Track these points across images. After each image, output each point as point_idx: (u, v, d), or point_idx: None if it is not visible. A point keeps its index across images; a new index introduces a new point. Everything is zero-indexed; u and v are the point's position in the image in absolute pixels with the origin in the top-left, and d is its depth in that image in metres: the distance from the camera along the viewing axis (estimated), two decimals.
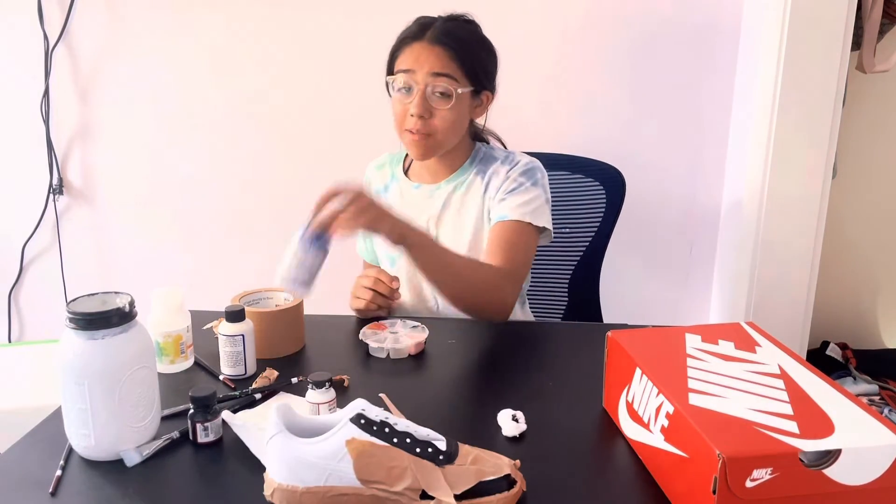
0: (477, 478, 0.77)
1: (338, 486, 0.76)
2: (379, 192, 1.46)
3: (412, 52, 1.30)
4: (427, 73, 1.28)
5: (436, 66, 1.28)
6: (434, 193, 1.41)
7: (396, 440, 0.77)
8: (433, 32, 1.30)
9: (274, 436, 0.77)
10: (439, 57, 1.29)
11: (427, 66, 1.28)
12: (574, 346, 1.26)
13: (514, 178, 1.35)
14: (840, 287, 2.10)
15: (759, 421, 0.74)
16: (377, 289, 1.28)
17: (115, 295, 0.90)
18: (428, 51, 1.29)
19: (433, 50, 1.29)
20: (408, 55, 1.31)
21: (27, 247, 2.12)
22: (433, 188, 1.41)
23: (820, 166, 1.71)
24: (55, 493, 0.82)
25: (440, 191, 1.41)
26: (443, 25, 1.32)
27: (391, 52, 1.36)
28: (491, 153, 1.42)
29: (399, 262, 1.42)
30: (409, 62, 1.30)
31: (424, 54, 1.29)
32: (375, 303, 1.29)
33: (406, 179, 1.45)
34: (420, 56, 1.29)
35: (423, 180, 1.43)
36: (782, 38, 1.64)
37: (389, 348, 1.16)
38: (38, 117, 2.02)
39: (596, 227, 1.63)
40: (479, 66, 1.33)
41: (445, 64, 1.29)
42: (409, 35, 1.33)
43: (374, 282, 1.28)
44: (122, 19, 1.96)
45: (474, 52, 1.33)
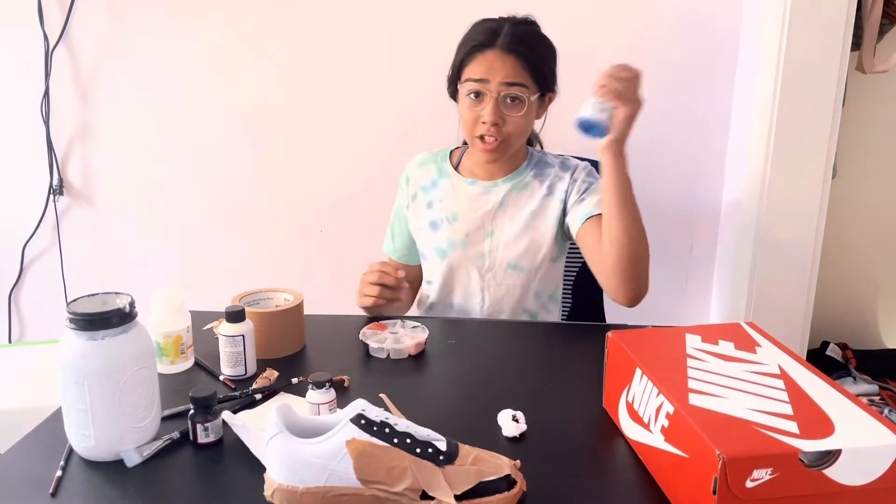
0: (477, 478, 0.77)
1: (338, 487, 0.76)
2: (426, 189, 1.47)
3: (485, 60, 1.31)
4: (500, 82, 1.29)
5: (509, 76, 1.30)
6: (491, 190, 1.42)
7: (397, 441, 0.77)
8: (504, 40, 1.30)
9: (274, 436, 0.77)
10: (513, 66, 1.30)
11: (500, 76, 1.29)
12: (574, 346, 1.26)
13: (584, 179, 1.40)
14: (840, 287, 2.10)
15: (760, 421, 0.74)
16: (384, 282, 1.29)
17: (116, 295, 0.90)
18: (501, 60, 1.30)
19: (506, 59, 1.30)
20: (480, 63, 1.31)
21: (27, 247, 2.12)
22: (489, 185, 1.43)
23: (820, 166, 1.71)
24: (55, 494, 0.82)
25: (497, 188, 1.42)
26: (512, 31, 1.32)
27: (459, 59, 1.35)
28: (544, 158, 1.46)
29: (449, 255, 1.43)
30: (482, 71, 1.30)
31: (498, 63, 1.30)
32: (384, 297, 1.29)
33: (458, 175, 1.46)
34: (493, 65, 1.30)
35: (478, 177, 1.44)
36: (782, 38, 1.64)
37: (390, 348, 1.16)
38: (38, 118, 2.02)
39: None
40: (546, 70, 1.35)
41: (518, 73, 1.30)
42: (478, 43, 1.32)
43: (380, 275, 1.29)
44: (122, 20, 1.96)
45: (543, 56, 1.35)
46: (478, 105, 1.32)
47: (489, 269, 1.42)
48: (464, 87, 1.34)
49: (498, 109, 1.31)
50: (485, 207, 1.42)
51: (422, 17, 1.90)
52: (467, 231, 1.42)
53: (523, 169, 1.43)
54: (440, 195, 1.45)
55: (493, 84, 1.30)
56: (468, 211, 1.42)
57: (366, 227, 1.76)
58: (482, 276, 1.42)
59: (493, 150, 1.34)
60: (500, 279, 1.41)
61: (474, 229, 1.42)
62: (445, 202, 1.44)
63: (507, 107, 1.31)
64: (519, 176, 1.42)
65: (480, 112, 1.31)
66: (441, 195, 1.45)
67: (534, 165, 1.44)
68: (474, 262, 1.42)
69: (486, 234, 1.42)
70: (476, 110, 1.32)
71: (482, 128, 1.32)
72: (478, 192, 1.43)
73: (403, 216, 1.51)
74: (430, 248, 1.46)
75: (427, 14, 1.90)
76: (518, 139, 1.36)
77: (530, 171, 1.43)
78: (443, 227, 1.44)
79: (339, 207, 2.03)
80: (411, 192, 1.49)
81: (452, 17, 1.44)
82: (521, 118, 1.32)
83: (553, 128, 1.52)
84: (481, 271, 1.42)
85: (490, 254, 1.41)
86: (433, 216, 1.45)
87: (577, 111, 1.18)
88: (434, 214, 1.45)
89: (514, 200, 1.42)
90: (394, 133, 1.96)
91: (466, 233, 1.42)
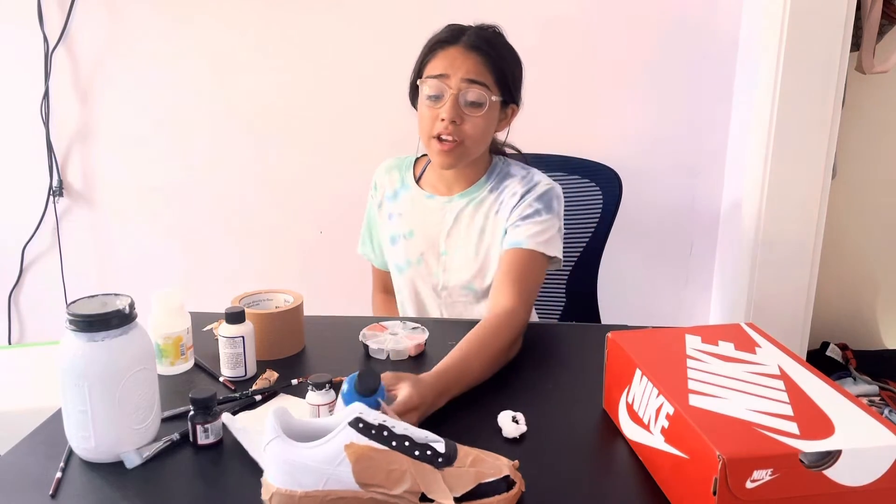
0: (476, 479, 0.77)
1: (336, 490, 0.75)
2: (388, 198, 1.44)
3: (446, 56, 1.28)
4: (461, 78, 1.26)
5: (471, 73, 1.26)
6: (446, 206, 1.38)
7: (395, 443, 0.77)
8: (468, 38, 1.28)
9: (272, 440, 0.76)
10: (475, 63, 1.26)
11: (462, 72, 1.26)
12: (574, 347, 1.26)
13: (530, 203, 1.30)
14: (840, 287, 2.10)
15: (760, 422, 0.74)
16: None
17: (115, 297, 0.90)
18: (463, 56, 1.27)
19: (468, 56, 1.27)
20: (441, 60, 1.28)
21: (27, 249, 2.12)
22: (445, 200, 1.38)
23: (820, 167, 1.71)
24: (55, 495, 0.82)
25: (452, 204, 1.37)
26: (476, 32, 1.30)
27: (421, 57, 1.33)
28: (508, 169, 1.38)
29: (406, 272, 1.41)
30: (443, 67, 1.27)
31: (460, 59, 1.27)
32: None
33: (418, 188, 1.41)
34: (455, 61, 1.27)
35: (437, 191, 1.40)
36: (782, 38, 1.64)
37: (389, 350, 1.16)
38: (38, 119, 2.02)
39: (593, 228, 1.63)
40: (510, 76, 1.31)
41: (480, 71, 1.27)
42: (442, 40, 1.30)
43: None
44: (122, 21, 1.96)
45: (507, 61, 1.31)
46: (437, 105, 1.27)
47: (444, 287, 1.39)
48: (424, 85, 1.29)
49: (457, 106, 1.26)
50: (439, 226, 1.38)
51: (423, 20, 1.90)
52: (422, 250, 1.39)
53: (482, 183, 1.37)
54: (399, 208, 1.42)
55: (453, 80, 1.26)
56: (423, 228, 1.39)
57: None
58: (438, 294, 1.40)
59: (449, 153, 1.28)
60: (455, 297, 1.39)
61: (428, 248, 1.39)
62: (404, 216, 1.41)
63: (466, 106, 1.26)
64: (476, 191, 1.36)
65: (438, 110, 1.27)
66: (400, 208, 1.42)
67: (494, 177, 1.37)
68: (429, 281, 1.40)
69: (440, 252, 1.38)
70: (435, 109, 1.27)
71: (439, 125, 1.26)
72: (435, 207, 1.39)
73: (375, 222, 1.48)
74: (390, 262, 1.45)
75: (429, 18, 1.89)
76: (475, 144, 1.30)
77: (489, 184, 1.36)
78: (400, 242, 1.41)
79: (338, 208, 2.03)
80: (377, 199, 1.46)
81: (455, 20, 1.44)
82: (480, 119, 1.27)
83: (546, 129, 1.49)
84: (436, 290, 1.40)
85: (444, 273, 1.38)
86: (392, 230, 1.42)
87: (570, 110, 1.16)
88: (393, 228, 1.42)
89: (468, 217, 1.36)
90: (393, 135, 1.95)
91: (421, 251, 1.39)
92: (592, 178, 1.64)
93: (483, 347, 1.08)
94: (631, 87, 1.91)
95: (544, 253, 1.28)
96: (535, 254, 1.27)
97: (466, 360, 1.05)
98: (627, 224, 1.89)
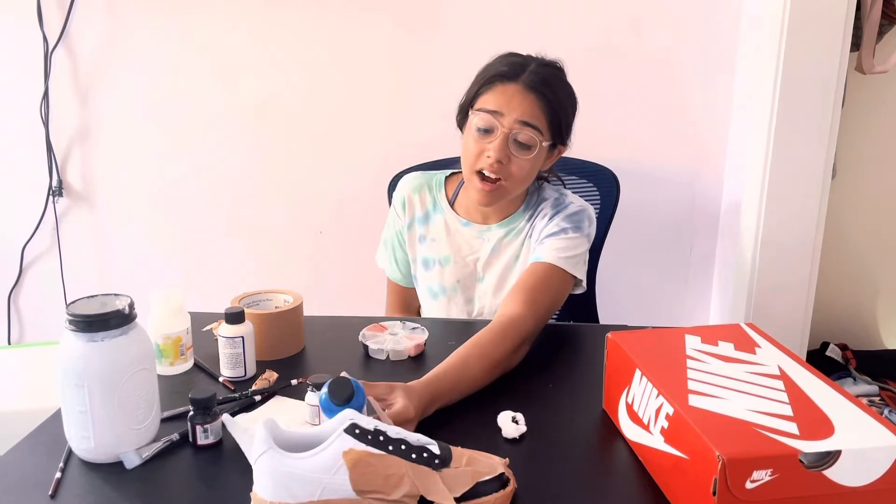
0: (474, 479, 0.77)
1: (333, 500, 0.75)
2: (420, 220, 1.40)
3: (504, 93, 1.23)
4: (515, 119, 1.22)
5: (526, 115, 1.22)
6: (484, 235, 1.36)
7: (392, 448, 0.77)
8: (528, 77, 1.24)
9: (263, 453, 0.74)
10: (532, 105, 1.23)
11: (517, 113, 1.22)
12: (574, 347, 1.26)
13: (558, 223, 1.29)
14: (840, 287, 2.10)
15: (759, 422, 0.74)
16: None
17: (115, 297, 0.90)
18: (521, 96, 1.23)
19: (527, 96, 1.23)
20: (498, 95, 1.24)
21: (27, 249, 2.12)
22: (483, 229, 1.36)
23: (819, 167, 1.71)
24: (55, 496, 0.82)
25: (491, 233, 1.35)
26: (538, 70, 1.25)
27: (476, 86, 1.28)
28: (542, 194, 1.36)
29: (441, 298, 1.39)
30: (499, 103, 1.23)
31: (517, 99, 1.23)
32: None
33: (452, 212, 1.38)
34: (512, 100, 1.23)
35: (472, 218, 1.37)
36: (782, 38, 1.64)
37: (389, 350, 1.16)
38: (37, 119, 2.02)
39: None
40: (564, 121, 1.28)
41: (535, 114, 1.23)
42: (500, 74, 1.25)
43: None
44: (122, 21, 1.96)
45: (563, 105, 1.27)
46: (485, 139, 1.24)
47: (479, 314, 1.39)
48: (475, 116, 1.25)
49: (506, 146, 1.22)
50: (477, 253, 1.36)
51: (426, 23, 1.90)
52: (459, 277, 1.38)
53: (520, 213, 1.35)
54: (433, 233, 1.39)
55: (507, 119, 1.22)
56: (460, 255, 1.37)
57: (365, 229, 1.76)
58: (472, 320, 1.38)
59: (490, 193, 1.25)
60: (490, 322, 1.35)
61: (466, 275, 1.38)
62: (438, 242, 1.38)
63: (515, 147, 1.23)
64: (515, 221, 1.35)
65: (486, 145, 1.23)
66: (434, 233, 1.39)
67: (531, 206, 1.35)
68: (464, 307, 1.39)
69: (477, 279, 1.38)
70: (482, 143, 1.24)
71: (485, 161, 1.23)
72: (471, 235, 1.37)
73: (404, 241, 1.43)
74: (423, 285, 1.43)
75: (431, 20, 1.90)
76: (518, 185, 1.27)
77: (526, 214, 1.35)
78: (435, 268, 1.39)
79: (338, 209, 2.03)
80: (406, 220, 1.42)
81: (458, 23, 1.43)
82: (527, 162, 1.24)
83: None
84: (471, 316, 1.40)
85: (479, 299, 1.38)
86: (425, 253, 1.40)
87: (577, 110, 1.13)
88: (426, 252, 1.40)
89: (506, 246, 1.35)
90: (394, 136, 1.96)
91: (458, 278, 1.38)
92: (590, 179, 1.63)
93: (484, 352, 1.06)
94: (630, 86, 1.91)
95: (566, 269, 1.24)
96: (556, 268, 1.23)
97: (466, 363, 1.04)
98: (628, 224, 1.89)
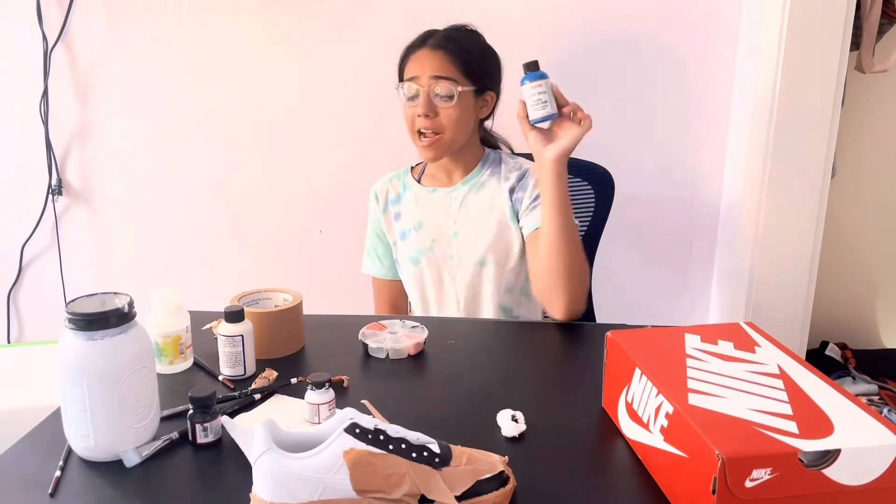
0: (474, 477, 0.77)
1: (333, 500, 0.75)
2: (392, 202, 1.54)
3: (416, 59, 1.41)
4: (429, 76, 1.38)
5: (437, 70, 1.38)
6: (450, 195, 1.49)
7: (392, 447, 0.77)
8: (434, 40, 1.41)
9: (263, 453, 0.75)
10: (441, 61, 1.38)
11: (429, 70, 1.38)
12: (573, 346, 1.26)
13: (535, 185, 1.42)
14: (839, 287, 2.10)
15: (759, 421, 0.74)
16: None
17: (115, 295, 0.90)
18: (430, 56, 1.39)
19: (434, 55, 1.39)
20: (412, 63, 1.41)
21: (26, 247, 2.12)
22: (449, 190, 1.49)
23: (819, 166, 1.71)
24: (54, 494, 0.82)
25: (457, 192, 1.48)
26: (443, 33, 1.43)
27: (399, 64, 1.45)
28: (500, 158, 1.51)
29: (421, 262, 1.48)
30: (414, 69, 1.40)
31: (427, 60, 1.39)
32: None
33: (420, 186, 1.53)
34: (423, 62, 1.39)
35: (440, 183, 1.51)
36: (781, 37, 1.64)
37: (389, 348, 1.16)
38: (37, 118, 2.02)
39: (585, 229, 1.62)
40: (478, 67, 1.42)
41: (446, 67, 1.38)
42: (412, 45, 1.44)
43: None
44: (121, 20, 1.96)
45: (473, 54, 1.42)
46: (414, 104, 1.40)
47: (458, 268, 1.46)
48: (402, 88, 1.42)
49: (429, 102, 1.38)
50: (447, 211, 1.48)
51: (425, 23, 1.90)
52: (433, 236, 1.48)
53: (479, 169, 1.49)
54: (405, 207, 1.52)
55: (423, 79, 1.38)
56: (432, 217, 1.49)
57: (364, 228, 1.76)
58: (453, 278, 1.47)
59: (431, 146, 1.40)
60: (470, 277, 1.45)
61: (440, 233, 1.48)
62: (411, 213, 1.51)
63: (439, 101, 1.38)
64: (476, 176, 1.48)
65: (416, 108, 1.39)
66: (406, 207, 1.52)
67: (489, 164, 1.49)
68: (444, 264, 1.48)
69: (451, 235, 1.47)
70: (413, 109, 1.40)
71: (418, 122, 1.39)
72: (440, 197, 1.49)
73: (382, 233, 1.56)
74: (404, 259, 1.52)
75: (423, 20, 1.90)
76: (454, 133, 1.40)
77: (486, 170, 1.48)
78: (411, 235, 1.50)
79: (338, 208, 2.03)
80: (381, 206, 1.55)
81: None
82: (452, 109, 1.38)
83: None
84: (451, 272, 1.47)
85: (457, 254, 1.47)
86: (401, 227, 1.52)
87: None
88: (402, 225, 1.52)
89: (474, 200, 1.47)
90: (393, 134, 1.96)
91: (433, 237, 1.48)
92: (585, 177, 1.63)
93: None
94: (631, 85, 1.91)
95: None
96: None
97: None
98: (627, 223, 1.89)
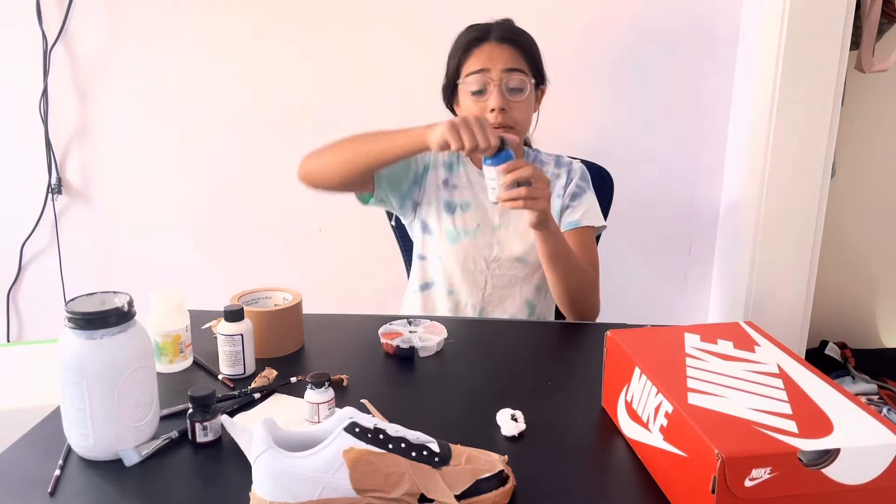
0: (473, 476, 0.77)
1: (333, 499, 0.75)
2: (446, 165, 1.50)
3: (483, 52, 1.36)
4: (501, 69, 1.34)
5: (509, 62, 1.35)
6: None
7: (391, 446, 0.77)
8: (497, 32, 1.37)
9: (262, 453, 0.75)
10: (511, 54, 1.36)
11: (501, 63, 1.35)
12: (573, 345, 1.26)
13: (576, 183, 1.47)
14: (839, 286, 2.10)
15: (758, 420, 0.74)
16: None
17: (114, 294, 0.90)
18: (498, 49, 1.36)
19: (503, 48, 1.36)
20: (478, 56, 1.36)
21: (26, 246, 2.12)
22: None
23: (819, 166, 1.71)
24: (54, 493, 0.82)
25: None
26: (501, 25, 1.40)
27: (456, 60, 1.40)
28: (539, 157, 1.52)
29: (461, 241, 1.46)
30: (482, 62, 1.36)
31: (496, 52, 1.35)
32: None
33: (472, 165, 1.50)
34: (492, 54, 1.35)
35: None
36: (781, 37, 1.64)
37: (419, 347, 1.16)
38: (36, 117, 2.02)
39: None
40: (538, 59, 1.42)
41: (516, 59, 1.36)
42: (473, 39, 1.38)
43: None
44: (121, 18, 1.96)
45: (533, 47, 1.41)
46: (481, 98, 1.36)
47: (496, 259, 1.46)
48: (465, 83, 1.37)
49: (503, 95, 1.34)
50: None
51: (424, 18, 1.90)
52: (479, 221, 1.46)
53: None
54: (455, 180, 1.49)
55: (494, 72, 1.34)
56: (480, 201, 1.47)
57: (364, 227, 1.76)
58: (488, 266, 1.46)
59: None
60: (504, 269, 1.46)
61: (485, 220, 1.47)
62: (460, 188, 1.49)
63: (510, 94, 1.35)
64: None
65: (484, 103, 1.35)
66: (456, 180, 1.49)
67: (530, 160, 1.49)
68: (482, 252, 1.46)
69: (494, 225, 1.46)
70: (480, 103, 1.36)
71: (490, 117, 1.34)
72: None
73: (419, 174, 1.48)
74: (440, 227, 1.48)
75: (429, 19, 1.90)
76: (524, 129, 1.40)
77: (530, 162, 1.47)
78: (457, 212, 1.47)
79: (337, 207, 2.03)
80: (433, 160, 1.50)
81: (459, 25, 1.45)
82: (524, 104, 1.37)
83: (546, 128, 1.53)
84: (487, 261, 1.46)
85: (499, 245, 1.46)
86: (449, 197, 1.48)
87: (571, 110, 1.19)
88: (450, 195, 1.48)
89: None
90: None
91: (478, 222, 1.46)
92: None
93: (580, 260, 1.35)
94: (630, 85, 1.91)
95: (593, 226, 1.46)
96: (590, 228, 1.45)
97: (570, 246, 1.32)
98: (627, 223, 1.89)
